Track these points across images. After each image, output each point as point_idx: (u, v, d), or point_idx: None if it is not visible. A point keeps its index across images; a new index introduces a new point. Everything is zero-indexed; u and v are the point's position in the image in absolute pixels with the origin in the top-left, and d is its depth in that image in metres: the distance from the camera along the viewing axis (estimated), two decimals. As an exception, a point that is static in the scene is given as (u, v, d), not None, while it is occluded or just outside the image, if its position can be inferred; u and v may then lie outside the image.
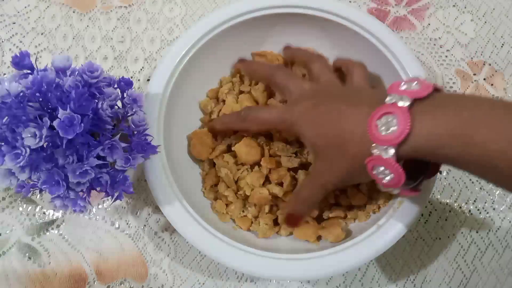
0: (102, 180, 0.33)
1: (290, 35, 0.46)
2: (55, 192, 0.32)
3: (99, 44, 0.50)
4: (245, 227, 0.42)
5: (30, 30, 0.50)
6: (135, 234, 0.44)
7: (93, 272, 0.43)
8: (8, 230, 0.44)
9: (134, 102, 0.36)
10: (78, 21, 0.50)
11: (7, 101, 0.30)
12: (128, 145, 0.34)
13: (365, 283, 0.43)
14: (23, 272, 0.43)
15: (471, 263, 0.44)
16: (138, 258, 0.44)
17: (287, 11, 0.44)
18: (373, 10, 0.52)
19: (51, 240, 0.44)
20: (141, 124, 0.35)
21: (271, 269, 0.37)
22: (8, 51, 0.50)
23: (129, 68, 0.49)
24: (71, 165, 0.31)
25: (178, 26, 0.51)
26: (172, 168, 0.40)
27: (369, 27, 0.42)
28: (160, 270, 0.44)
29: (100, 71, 0.34)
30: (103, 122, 0.33)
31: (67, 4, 0.51)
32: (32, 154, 0.30)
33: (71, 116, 0.30)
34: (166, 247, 0.44)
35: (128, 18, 0.51)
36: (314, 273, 0.37)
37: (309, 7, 0.43)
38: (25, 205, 0.45)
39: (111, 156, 0.33)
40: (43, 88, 0.31)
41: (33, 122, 0.30)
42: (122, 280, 0.43)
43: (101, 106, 0.33)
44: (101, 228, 0.45)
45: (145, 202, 0.45)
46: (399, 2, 0.52)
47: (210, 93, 0.46)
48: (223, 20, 0.43)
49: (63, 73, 0.34)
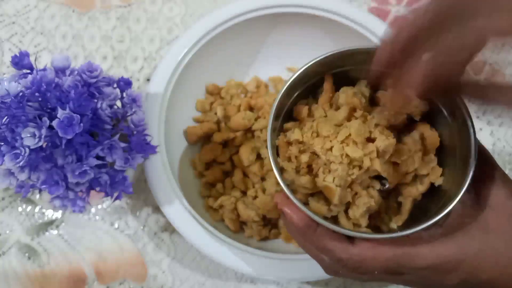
0: (102, 180, 0.33)
1: (291, 34, 0.45)
2: (54, 192, 0.32)
3: (99, 44, 0.50)
4: (234, 228, 0.42)
5: (30, 30, 0.50)
6: (134, 235, 0.44)
7: (92, 273, 0.43)
8: (8, 230, 0.44)
9: (133, 102, 0.35)
10: (77, 21, 0.50)
11: (6, 101, 0.30)
12: (128, 145, 0.34)
13: (366, 284, 0.43)
14: (22, 272, 0.43)
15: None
16: (138, 258, 0.44)
17: (288, 11, 0.43)
18: (373, 10, 0.52)
19: (51, 240, 0.44)
20: (140, 124, 0.35)
21: (271, 269, 0.37)
22: (7, 50, 0.49)
23: (129, 67, 0.49)
24: (70, 165, 0.31)
25: (178, 25, 0.50)
26: (172, 168, 0.40)
27: (371, 27, 0.42)
28: (159, 271, 0.43)
29: (99, 71, 0.34)
30: (102, 122, 0.33)
31: (66, 4, 0.51)
32: (31, 154, 0.30)
33: (70, 116, 0.30)
34: (166, 247, 0.44)
35: (128, 17, 0.51)
36: (313, 274, 0.37)
37: (310, 7, 0.43)
38: (24, 205, 0.45)
39: (110, 156, 0.33)
40: (43, 88, 0.31)
41: (32, 122, 0.30)
42: (122, 280, 0.43)
43: (101, 106, 0.33)
44: (100, 228, 0.44)
45: (144, 203, 0.45)
46: (399, 2, 0.52)
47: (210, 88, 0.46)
48: (223, 19, 0.43)
49: (62, 73, 0.34)
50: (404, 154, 0.30)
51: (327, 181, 0.29)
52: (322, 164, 0.30)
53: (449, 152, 0.31)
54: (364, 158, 0.29)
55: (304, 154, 0.31)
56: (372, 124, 0.30)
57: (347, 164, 0.29)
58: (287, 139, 0.32)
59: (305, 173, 0.31)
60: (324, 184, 0.29)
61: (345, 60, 0.32)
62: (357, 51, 0.31)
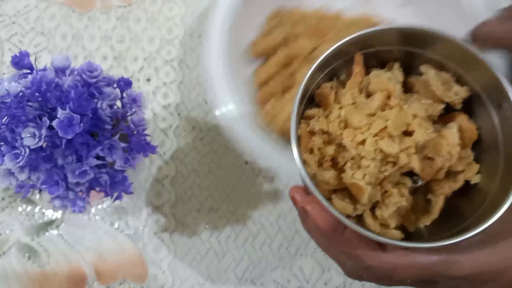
0: (102, 180, 0.33)
1: None
2: (54, 192, 0.32)
3: (99, 44, 0.50)
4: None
5: (30, 30, 0.50)
6: (134, 235, 0.44)
7: (92, 273, 0.43)
8: (8, 230, 0.44)
9: (133, 102, 0.35)
10: (77, 21, 0.50)
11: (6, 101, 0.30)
12: (128, 145, 0.34)
13: (365, 283, 0.43)
14: (22, 272, 0.43)
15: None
16: (138, 258, 0.44)
17: None
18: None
19: (51, 240, 0.44)
20: (140, 124, 0.35)
21: None
22: (7, 50, 0.49)
23: (129, 67, 0.49)
24: (70, 165, 0.31)
25: (178, 25, 0.50)
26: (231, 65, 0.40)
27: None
28: (159, 271, 0.43)
29: (99, 71, 0.34)
30: (102, 122, 0.33)
31: (66, 4, 0.51)
32: (31, 154, 0.30)
33: (71, 116, 0.30)
34: (166, 247, 0.44)
35: (128, 17, 0.51)
36: None
37: None
38: (24, 205, 0.45)
39: (110, 156, 0.33)
40: (43, 88, 0.31)
41: (32, 122, 0.30)
42: (122, 280, 0.43)
43: (101, 106, 0.33)
44: (100, 228, 0.44)
45: (144, 203, 0.45)
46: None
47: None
48: None
49: (62, 73, 0.34)
50: (442, 149, 0.27)
51: (356, 178, 0.26)
52: (350, 159, 0.26)
53: (488, 148, 0.28)
54: (400, 154, 0.26)
55: (330, 146, 0.27)
56: (409, 115, 0.26)
57: (381, 159, 0.26)
58: (310, 129, 0.28)
59: (329, 167, 0.27)
60: (353, 181, 0.26)
61: (376, 40, 0.28)
62: (389, 30, 0.27)
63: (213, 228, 0.45)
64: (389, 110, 0.27)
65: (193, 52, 0.49)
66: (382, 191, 0.27)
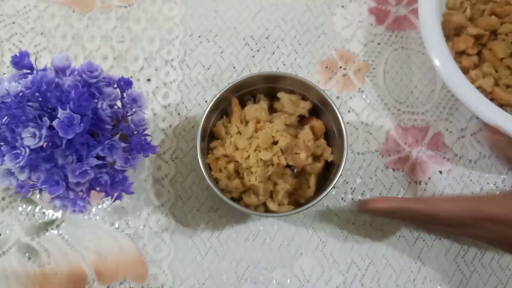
0: (102, 180, 0.33)
1: None
2: (54, 192, 0.32)
3: (99, 44, 0.50)
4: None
5: (30, 30, 0.50)
6: (134, 234, 0.44)
7: (92, 272, 0.43)
8: (8, 230, 0.44)
9: (133, 102, 0.35)
10: (77, 21, 0.50)
11: (6, 101, 0.30)
12: (128, 145, 0.34)
13: (365, 283, 0.43)
14: (22, 272, 0.43)
15: (471, 263, 0.44)
16: (138, 258, 0.44)
17: None
18: (373, 10, 0.52)
19: (51, 240, 0.44)
20: (140, 124, 0.35)
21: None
22: (7, 51, 0.49)
23: (129, 67, 0.49)
24: (70, 165, 0.31)
25: (178, 25, 0.50)
26: None
27: None
28: (159, 270, 0.43)
29: (99, 71, 0.34)
30: (102, 122, 0.33)
31: (66, 4, 0.51)
32: (31, 154, 0.30)
33: (71, 116, 0.30)
34: (166, 247, 0.44)
35: (128, 17, 0.51)
36: None
37: None
38: (24, 205, 0.45)
39: (110, 156, 0.33)
40: (43, 88, 0.31)
41: (32, 122, 0.30)
42: (122, 280, 0.43)
43: (101, 106, 0.33)
44: (100, 228, 0.44)
45: (144, 202, 0.45)
46: (399, 2, 0.52)
47: None
48: None
49: (62, 73, 0.34)
50: (301, 145, 0.40)
51: (252, 181, 0.39)
52: (245, 169, 0.39)
53: (333, 135, 0.42)
54: (273, 158, 0.39)
55: (230, 164, 0.40)
56: (274, 131, 0.40)
57: (263, 165, 0.39)
58: (215, 156, 0.40)
59: (234, 177, 0.40)
60: (250, 183, 0.39)
61: (246, 84, 0.42)
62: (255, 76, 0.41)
63: (213, 227, 0.45)
64: (260, 131, 0.40)
65: (193, 52, 0.50)
66: (273, 183, 0.40)
